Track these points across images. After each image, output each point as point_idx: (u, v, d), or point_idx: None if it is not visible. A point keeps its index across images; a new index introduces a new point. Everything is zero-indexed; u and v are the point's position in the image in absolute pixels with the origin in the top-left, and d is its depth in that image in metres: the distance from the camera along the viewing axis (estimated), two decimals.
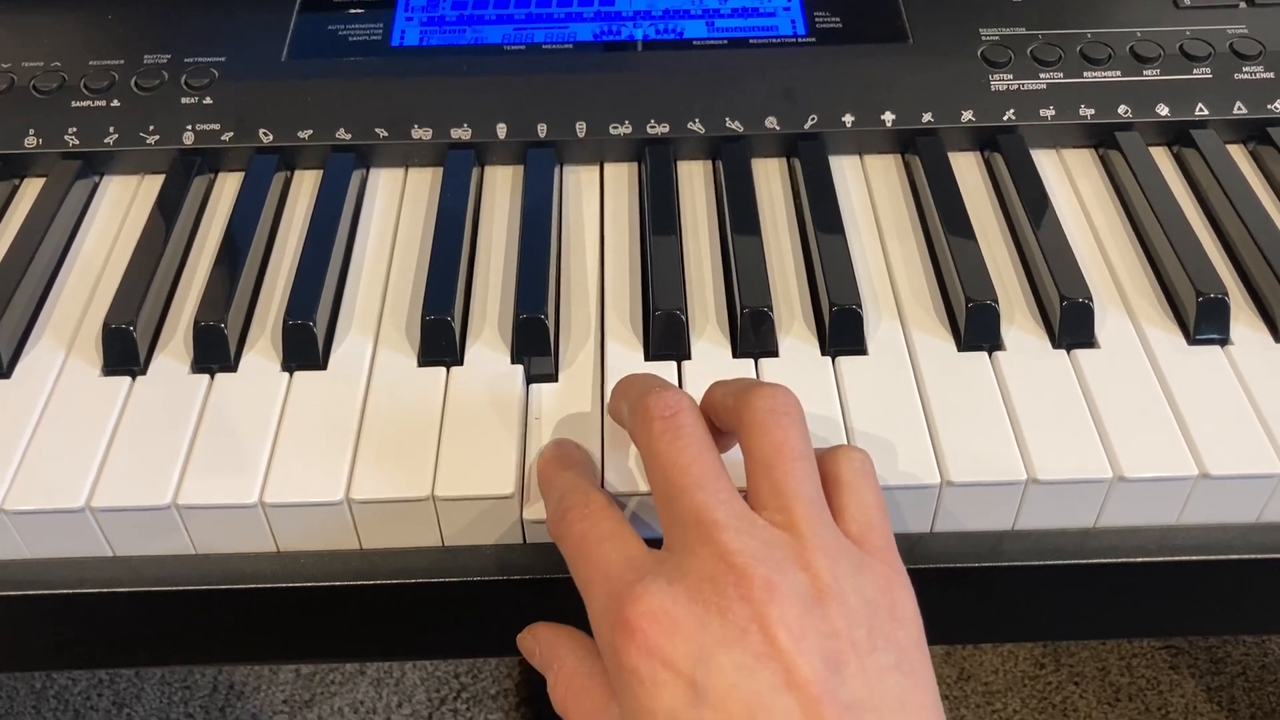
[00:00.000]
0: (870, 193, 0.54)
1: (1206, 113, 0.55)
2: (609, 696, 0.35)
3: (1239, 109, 0.55)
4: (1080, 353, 0.46)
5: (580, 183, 0.55)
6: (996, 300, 0.46)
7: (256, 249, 0.51)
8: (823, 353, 0.46)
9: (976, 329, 0.46)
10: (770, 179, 0.55)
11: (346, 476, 0.42)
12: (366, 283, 0.50)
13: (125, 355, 0.46)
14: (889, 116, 0.55)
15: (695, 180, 0.55)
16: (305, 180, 0.56)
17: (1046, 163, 0.55)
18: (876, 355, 0.46)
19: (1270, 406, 0.44)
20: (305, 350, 0.46)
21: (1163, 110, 0.55)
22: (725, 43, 0.58)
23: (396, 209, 0.54)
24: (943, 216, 0.50)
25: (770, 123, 0.54)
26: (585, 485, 0.39)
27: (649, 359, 0.46)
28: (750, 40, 0.58)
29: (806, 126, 0.54)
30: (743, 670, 0.32)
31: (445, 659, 1.10)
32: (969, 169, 0.55)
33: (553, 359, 0.46)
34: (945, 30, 0.57)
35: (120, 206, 0.55)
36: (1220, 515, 0.44)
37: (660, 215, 0.51)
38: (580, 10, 0.59)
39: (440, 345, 0.46)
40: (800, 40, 0.58)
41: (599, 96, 0.55)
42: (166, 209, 0.52)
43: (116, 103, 0.55)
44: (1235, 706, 1.08)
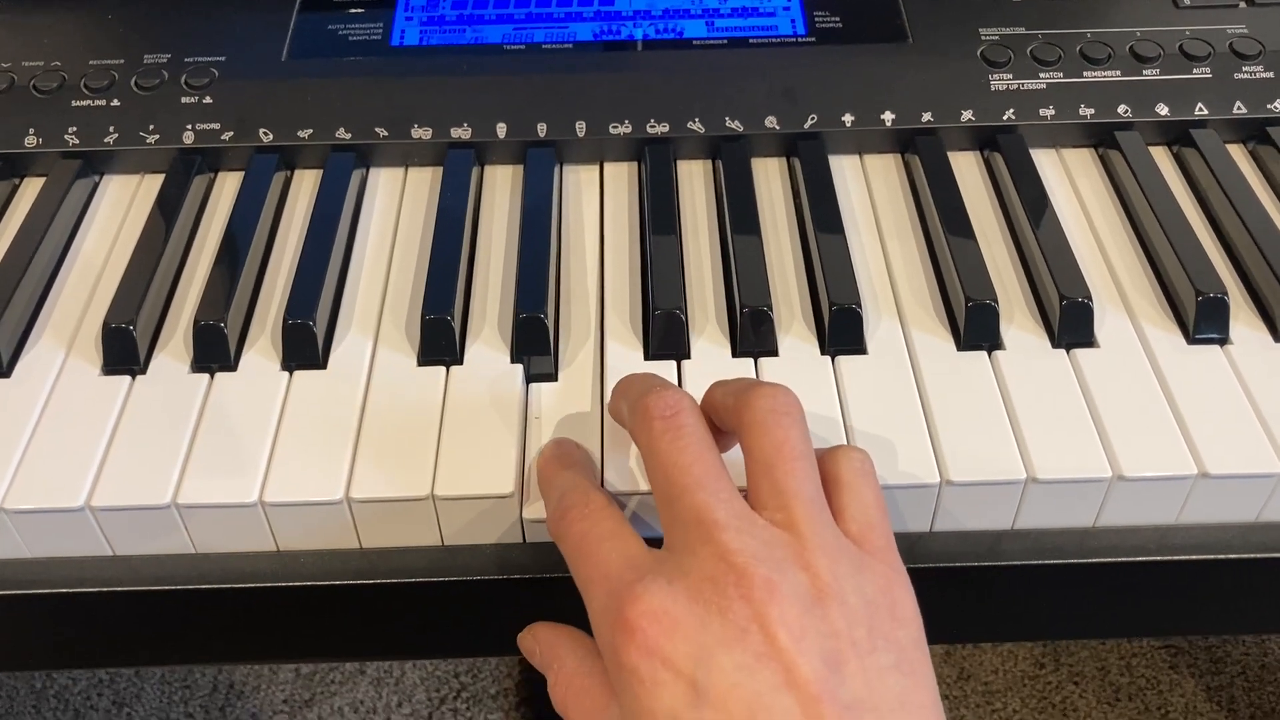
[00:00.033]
0: (870, 192, 0.54)
1: (1206, 112, 0.55)
2: (609, 696, 0.35)
3: (1239, 109, 0.55)
4: (1080, 352, 0.46)
5: (580, 182, 0.55)
6: (996, 300, 0.46)
7: (256, 248, 0.51)
8: (822, 352, 0.46)
9: (976, 328, 0.46)
10: (770, 178, 0.55)
11: (346, 476, 0.42)
12: (366, 282, 0.50)
13: (125, 354, 0.46)
14: (889, 116, 0.55)
15: (695, 180, 0.55)
16: (305, 180, 0.56)
17: (1046, 162, 0.55)
18: (876, 355, 0.46)
19: (1270, 406, 0.44)
20: (305, 349, 0.46)
21: (1162, 110, 0.55)
22: (725, 42, 0.58)
23: (396, 208, 0.54)
24: (942, 216, 0.50)
25: (770, 122, 0.54)
26: (585, 485, 0.39)
27: (649, 358, 0.47)
28: (750, 40, 0.58)
29: (806, 126, 0.54)
30: (743, 670, 0.32)
31: (445, 658, 1.10)
32: (969, 168, 0.55)
33: (552, 358, 0.46)
34: (945, 30, 0.58)
35: (120, 206, 0.55)
36: (1220, 515, 0.44)
37: (660, 215, 0.51)
38: (580, 10, 0.59)
39: (440, 344, 0.46)
40: (800, 40, 0.58)
41: (599, 96, 0.55)
42: (166, 208, 0.52)
43: (116, 102, 0.55)
44: (1235, 706, 1.08)
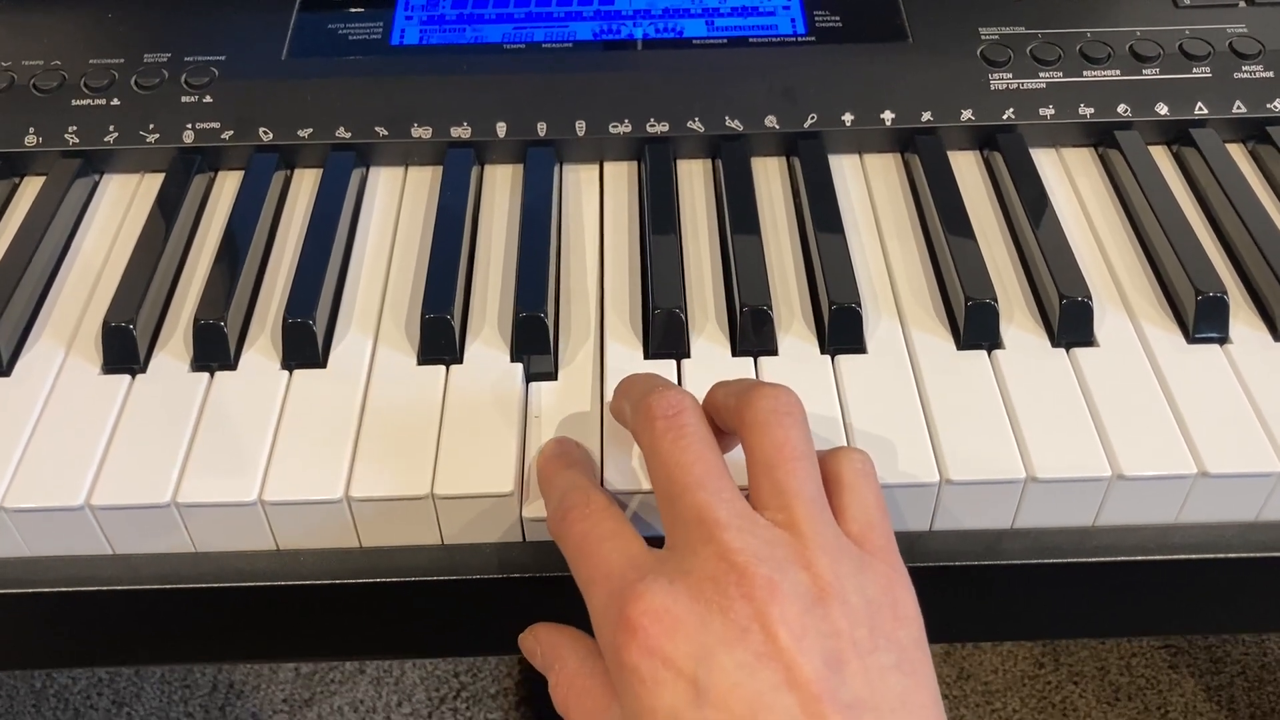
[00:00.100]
0: (870, 191, 0.54)
1: (1206, 112, 0.55)
2: (610, 696, 0.35)
3: (1238, 108, 0.55)
4: (1079, 351, 0.46)
5: (580, 181, 0.55)
6: (996, 299, 0.46)
7: (256, 247, 0.51)
8: (822, 351, 0.46)
9: (976, 328, 0.46)
10: (770, 178, 0.55)
11: (346, 474, 0.42)
12: (366, 281, 0.50)
13: (125, 353, 0.46)
14: (888, 115, 0.55)
15: (695, 179, 0.55)
16: (305, 179, 0.56)
17: (1046, 162, 0.55)
18: (876, 354, 0.46)
19: (1269, 405, 0.44)
20: (305, 348, 0.46)
21: (1162, 109, 0.55)
22: (725, 42, 0.58)
23: (396, 207, 0.54)
24: (942, 215, 0.50)
25: (770, 121, 0.54)
26: (586, 485, 0.39)
27: (648, 357, 0.47)
28: (750, 39, 0.58)
29: (806, 125, 0.54)
30: (744, 669, 0.32)
31: (445, 657, 1.10)
32: (968, 168, 0.55)
33: (552, 357, 0.46)
34: (945, 29, 0.58)
35: (120, 205, 0.55)
36: (1219, 514, 0.44)
37: (660, 214, 0.51)
38: (580, 9, 0.59)
39: (440, 343, 0.46)
40: (800, 39, 0.58)
41: (599, 95, 0.55)
42: (166, 207, 0.52)
43: (116, 101, 0.55)
44: (1235, 706, 1.08)
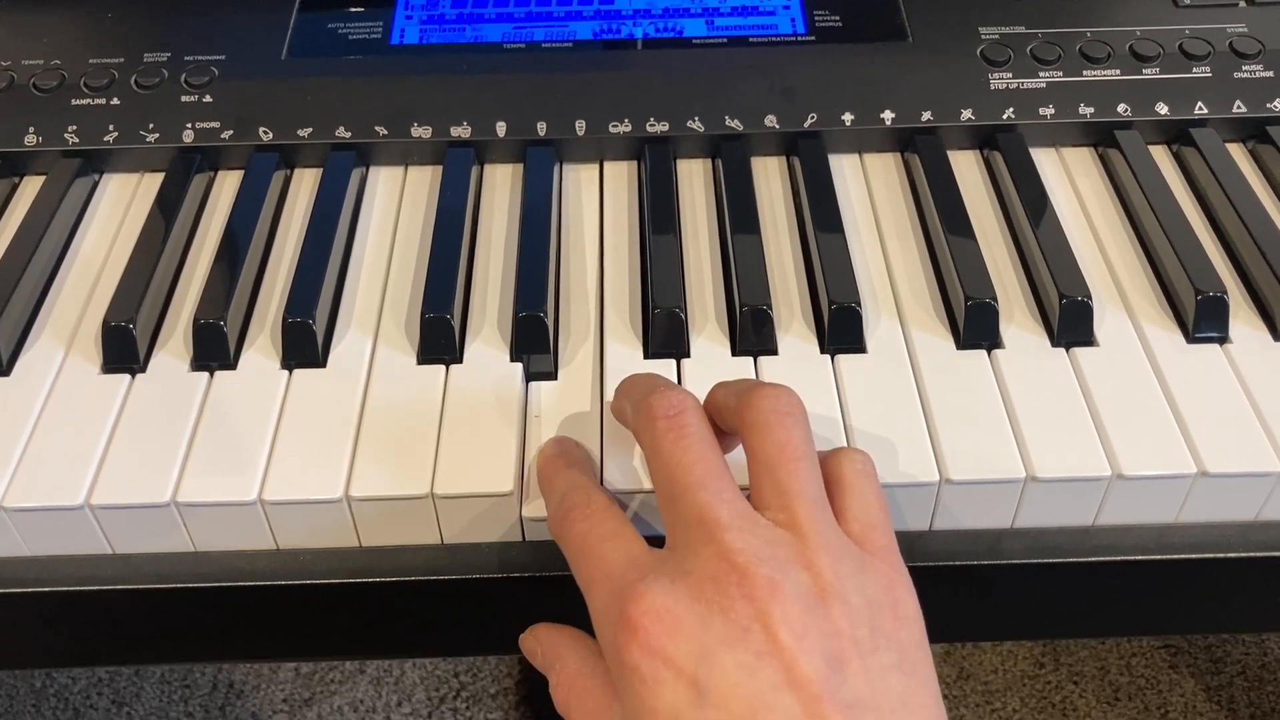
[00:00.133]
0: (870, 191, 0.54)
1: (1206, 111, 0.55)
2: (611, 697, 0.35)
3: (1238, 108, 0.55)
4: (1079, 351, 0.46)
5: (580, 181, 0.55)
6: (995, 299, 0.46)
7: (256, 247, 0.51)
8: (822, 351, 0.46)
9: (975, 327, 0.46)
10: (770, 177, 0.55)
11: (346, 474, 0.42)
12: (366, 280, 0.50)
13: (125, 353, 0.46)
14: (888, 115, 0.55)
15: (695, 178, 0.55)
16: (305, 178, 0.55)
17: (1046, 161, 0.55)
18: (876, 354, 0.46)
19: (1269, 405, 0.44)
20: (304, 348, 0.46)
21: (1162, 109, 0.55)
22: (725, 41, 0.58)
23: (396, 207, 0.54)
24: (942, 215, 0.50)
25: (770, 121, 0.54)
26: (586, 485, 0.39)
27: (648, 357, 0.47)
28: (750, 39, 0.58)
29: (806, 125, 0.54)
30: (745, 669, 0.32)
31: (445, 657, 1.10)
32: (968, 167, 0.55)
33: (552, 357, 0.46)
34: (945, 29, 0.57)
35: (120, 204, 0.55)
36: (1219, 513, 0.44)
37: (660, 213, 0.51)
38: (580, 9, 0.59)
39: (439, 343, 0.46)
40: (800, 39, 0.58)
41: (599, 95, 0.55)
42: (166, 207, 0.52)
43: (116, 101, 0.55)
44: (1235, 706, 1.08)
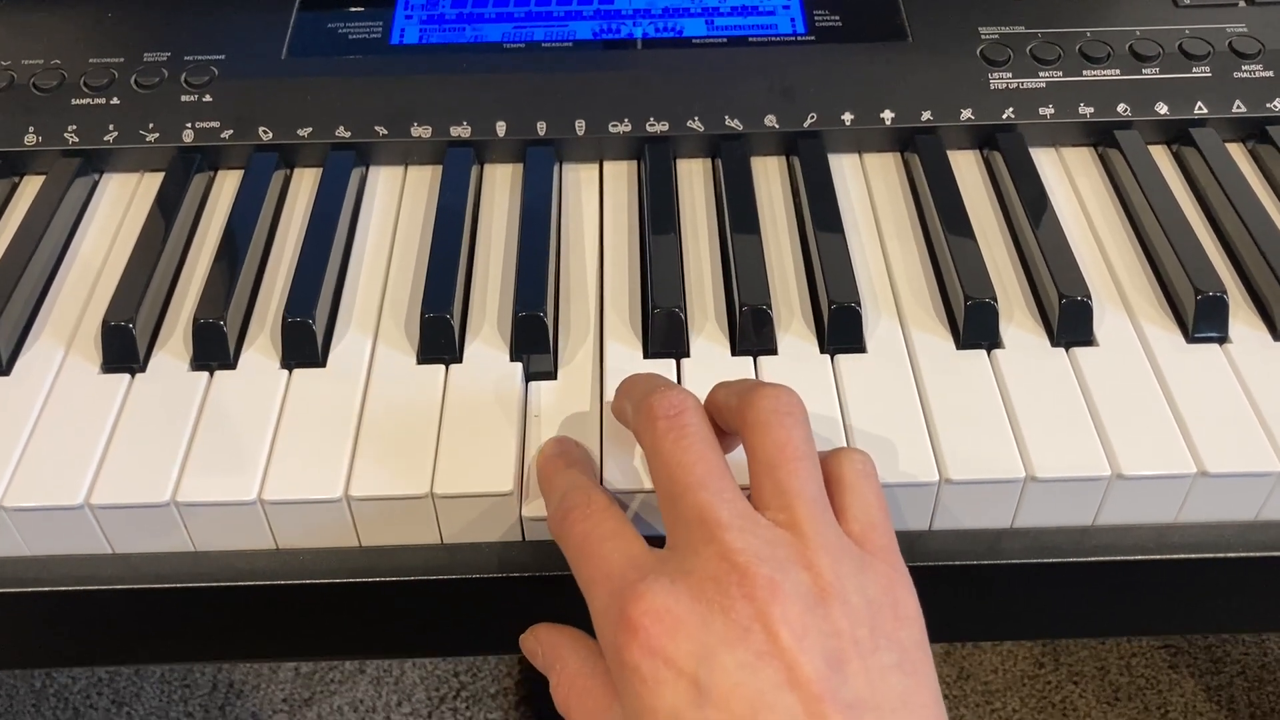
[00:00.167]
0: (869, 191, 0.54)
1: (1206, 111, 0.55)
2: (612, 697, 0.35)
3: (1238, 107, 0.55)
4: (1079, 351, 0.46)
5: (580, 181, 0.55)
6: (995, 298, 0.46)
7: (256, 247, 0.51)
8: (822, 351, 0.46)
9: (975, 327, 0.46)
10: (769, 177, 0.55)
11: (345, 474, 0.42)
12: (366, 280, 0.50)
13: (124, 353, 0.46)
14: (888, 115, 0.55)
15: (694, 178, 0.55)
16: (305, 178, 0.55)
17: (1046, 161, 0.55)
18: (875, 353, 0.46)
19: (1269, 405, 0.44)
20: (304, 348, 0.46)
21: (1162, 109, 0.55)
22: (725, 41, 0.58)
23: (396, 207, 0.54)
24: (942, 215, 0.50)
25: (770, 121, 0.54)
26: (586, 485, 0.39)
27: (648, 357, 0.46)
28: (750, 38, 0.58)
29: (806, 125, 0.54)
30: (745, 669, 0.32)
31: (445, 657, 1.10)
32: (968, 167, 0.55)
33: (552, 357, 0.46)
34: (945, 29, 0.57)
35: (120, 204, 0.55)
36: (1218, 513, 0.44)
37: (659, 213, 0.51)
38: (580, 8, 0.59)
39: (439, 343, 0.46)
40: (800, 38, 0.58)
41: (598, 95, 0.55)
42: (166, 206, 0.52)
43: (116, 100, 0.55)
44: (1235, 706, 1.08)
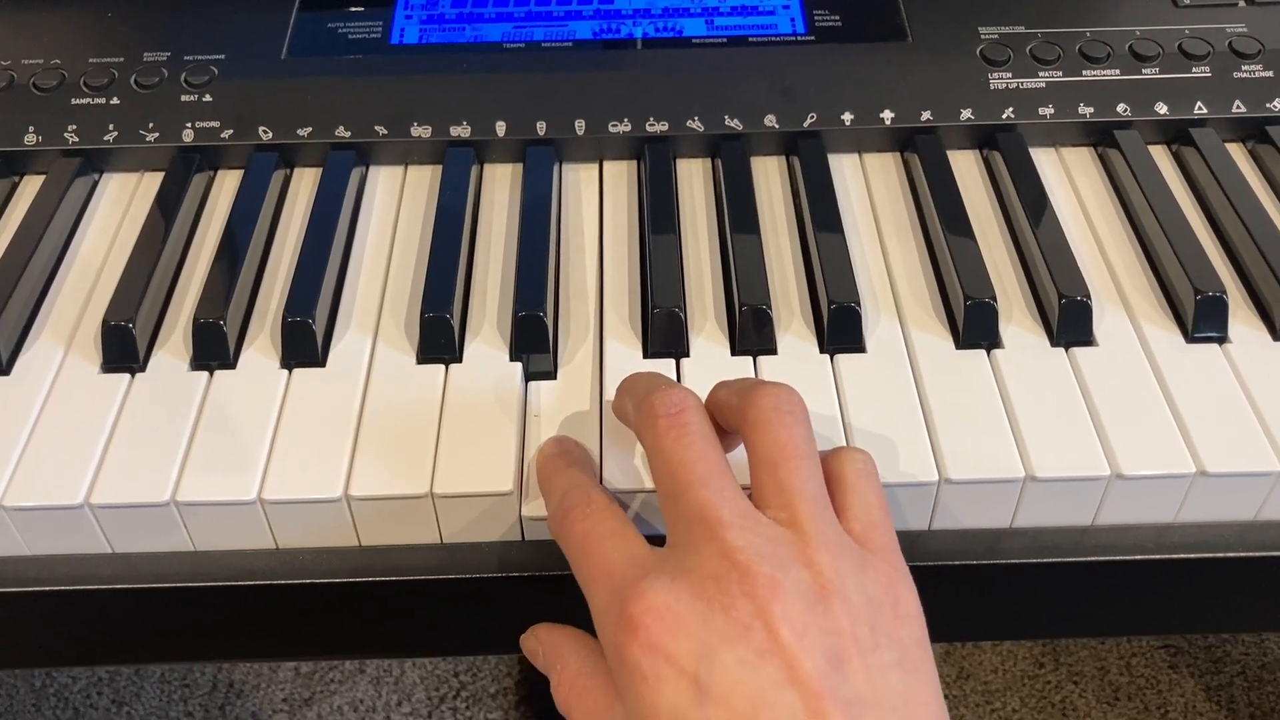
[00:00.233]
0: (869, 191, 0.54)
1: (1205, 111, 0.55)
2: (612, 696, 0.35)
3: (1238, 108, 0.55)
4: (1078, 351, 0.46)
5: (579, 180, 0.55)
6: (995, 298, 0.46)
7: (256, 246, 0.51)
8: (821, 351, 0.46)
9: (975, 327, 0.46)
10: (769, 177, 0.55)
11: (345, 473, 0.42)
12: (366, 280, 0.50)
13: (124, 352, 0.46)
14: (888, 115, 0.55)
15: (694, 178, 0.55)
16: (305, 178, 0.56)
17: (1045, 161, 0.55)
18: (875, 353, 0.46)
19: (1268, 405, 0.44)
20: (304, 347, 0.46)
21: (1162, 109, 0.55)
22: (725, 41, 0.58)
23: (396, 206, 0.54)
24: (941, 215, 0.50)
25: (769, 121, 0.54)
26: (586, 484, 0.39)
27: (648, 356, 0.47)
28: (749, 38, 0.58)
29: (806, 125, 0.54)
30: (746, 666, 0.32)
31: (445, 656, 1.10)
32: (968, 167, 0.55)
33: (552, 356, 0.46)
34: (944, 29, 0.58)
35: (120, 204, 0.55)
36: (1218, 513, 0.44)
37: (659, 213, 0.51)
38: (579, 8, 0.59)
39: (439, 342, 0.46)
40: (799, 38, 0.58)
41: (598, 94, 0.55)
42: (166, 206, 0.52)
43: (116, 100, 0.55)
44: (1234, 706, 1.08)
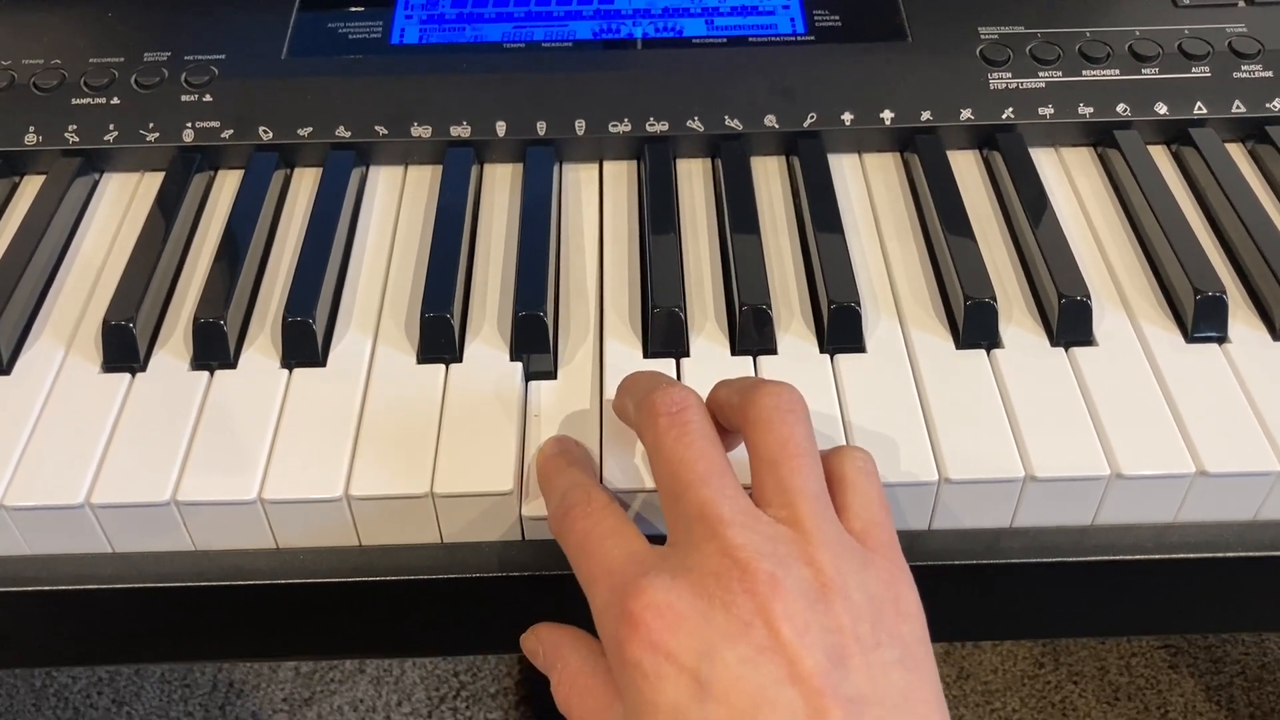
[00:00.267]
0: (869, 191, 0.54)
1: (1205, 111, 0.55)
2: (613, 695, 0.35)
3: (1238, 108, 0.55)
4: (1078, 351, 0.46)
5: (579, 180, 0.55)
6: (995, 298, 0.46)
7: (256, 246, 0.51)
8: (821, 351, 0.46)
9: (975, 327, 0.46)
10: (769, 177, 0.55)
11: (345, 473, 0.42)
12: (366, 280, 0.50)
13: (125, 352, 0.46)
14: (888, 115, 0.55)
15: (694, 178, 0.55)
16: (305, 178, 0.56)
17: (1045, 161, 0.55)
18: (875, 353, 0.46)
19: (1268, 404, 0.44)
20: (304, 347, 0.46)
21: (1161, 109, 0.55)
22: (724, 41, 0.58)
23: (396, 206, 0.54)
24: (941, 215, 0.50)
25: (769, 121, 0.54)
26: (586, 483, 0.39)
27: (648, 356, 0.47)
28: (749, 38, 0.58)
29: (806, 125, 0.55)
30: (746, 664, 0.32)
31: (445, 656, 1.10)
32: (968, 167, 0.55)
33: (552, 356, 0.46)
34: (944, 28, 0.58)
35: (120, 204, 0.55)
36: (1217, 513, 0.44)
37: (659, 213, 0.51)
38: (580, 8, 0.59)
39: (439, 342, 0.46)
40: (799, 38, 0.58)
41: (598, 94, 0.55)
42: (166, 206, 0.52)
43: (116, 100, 0.55)
44: (1234, 706, 1.08)
